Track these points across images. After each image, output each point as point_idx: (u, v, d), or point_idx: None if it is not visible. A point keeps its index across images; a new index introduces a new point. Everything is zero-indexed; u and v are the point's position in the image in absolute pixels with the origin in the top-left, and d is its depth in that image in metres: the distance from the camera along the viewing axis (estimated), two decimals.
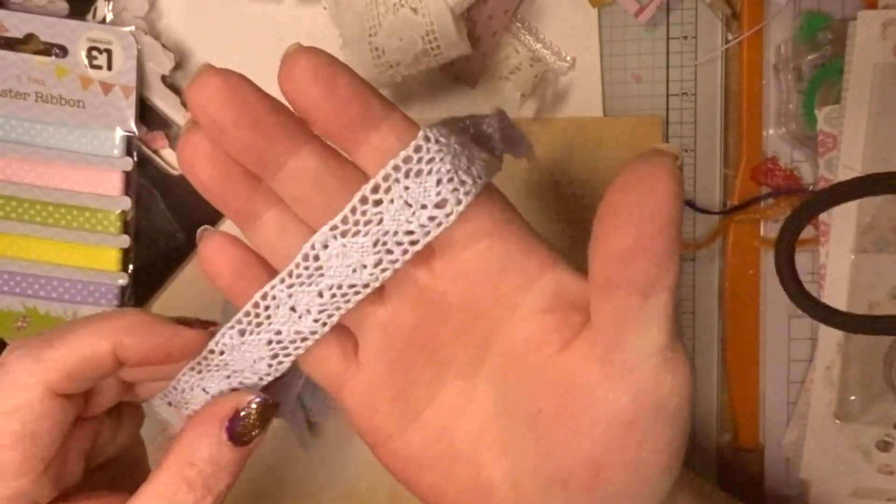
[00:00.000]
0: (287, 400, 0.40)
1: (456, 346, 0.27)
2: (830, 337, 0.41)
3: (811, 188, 0.41)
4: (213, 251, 0.27)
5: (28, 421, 0.25)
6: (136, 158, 0.40)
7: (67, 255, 0.41)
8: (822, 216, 0.41)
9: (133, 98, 0.39)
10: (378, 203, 0.24)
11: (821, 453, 0.41)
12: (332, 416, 0.42)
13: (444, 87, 0.41)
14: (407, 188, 0.23)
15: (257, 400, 0.26)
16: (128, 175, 0.40)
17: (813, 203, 0.25)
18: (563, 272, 0.26)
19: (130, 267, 0.41)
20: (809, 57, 0.40)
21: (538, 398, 0.25)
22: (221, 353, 0.27)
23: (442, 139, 0.23)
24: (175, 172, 0.41)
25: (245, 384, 0.27)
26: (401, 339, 0.27)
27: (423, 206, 0.23)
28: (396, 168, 0.23)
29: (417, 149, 0.23)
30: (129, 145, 0.40)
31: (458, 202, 0.23)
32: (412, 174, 0.23)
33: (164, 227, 0.42)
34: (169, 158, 0.41)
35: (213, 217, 0.41)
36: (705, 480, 0.35)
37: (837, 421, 0.41)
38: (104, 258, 0.41)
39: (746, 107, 0.41)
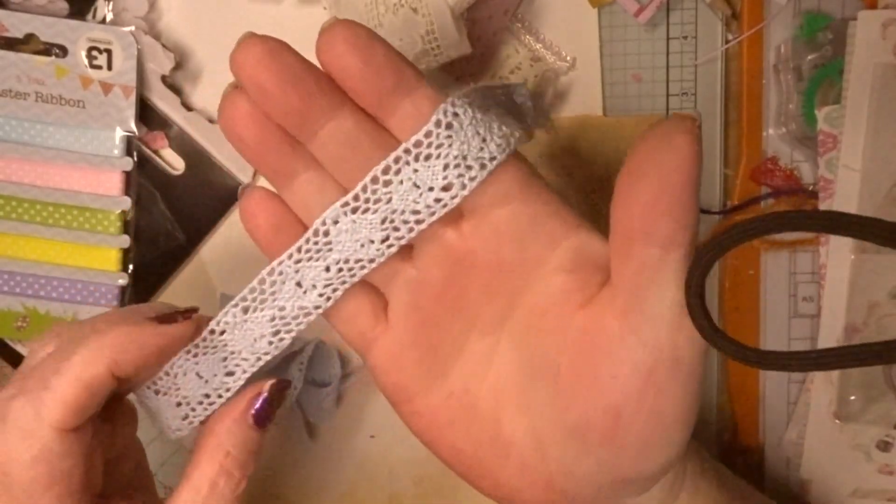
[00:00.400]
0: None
1: (481, 305, 0.27)
2: (831, 337, 0.41)
3: (811, 188, 0.41)
4: (254, 206, 0.28)
5: (53, 464, 0.25)
6: (136, 158, 0.40)
7: (67, 255, 0.41)
8: None
9: (133, 98, 0.39)
10: (388, 184, 0.25)
11: (821, 453, 0.41)
12: (328, 418, 0.42)
13: (444, 87, 0.41)
14: (416, 171, 0.24)
15: (273, 382, 0.28)
16: (128, 175, 0.40)
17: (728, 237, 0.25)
18: (587, 234, 0.27)
19: (130, 267, 0.41)
20: (809, 57, 0.40)
21: (559, 354, 0.26)
22: (222, 332, 0.27)
23: (455, 123, 0.24)
24: (175, 172, 0.41)
25: (242, 367, 0.28)
26: (429, 298, 0.27)
27: (430, 189, 0.25)
28: (407, 151, 0.25)
29: (428, 134, 0.24)
30: (129, 145, 0.40)
31: (463, 187, 0.24)
32: (422, 158, 0.24)
33: (164, 227, 0.42)
34: (169, 158, 0.41)
35: (214, 217, 0.41)
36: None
37: (837, 421, 0.41)
38: (104, 258, 0.41)
39: (746, 107, 0.41)
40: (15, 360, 0.42)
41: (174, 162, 0.41)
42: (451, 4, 0.36)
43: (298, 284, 0.26)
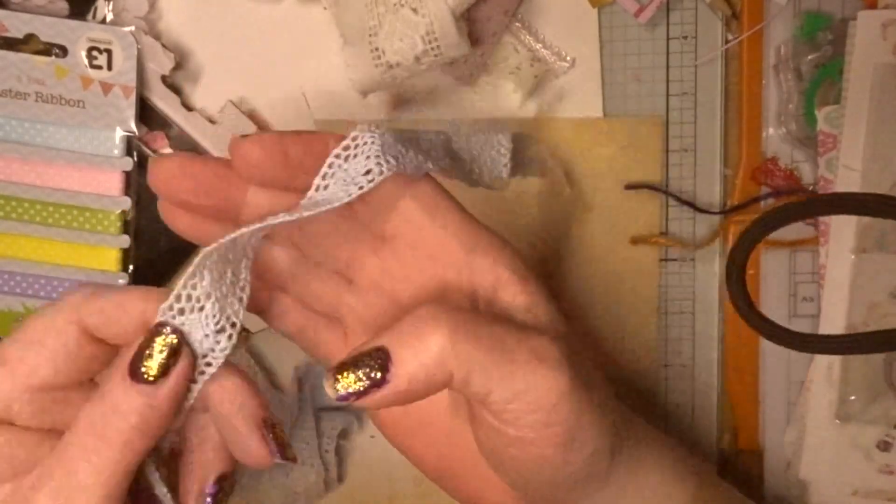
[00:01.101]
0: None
1: None
2: None
3: (811, 188, 0.41)
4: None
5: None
6: (136, 158, 0.40)
7: (67, 255, 0.41)
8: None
9: (133, 98, 0.39)
10: (326, 187, 0.28)
11: (821, 453, 0.41)
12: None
13: (444, 87, 0.41)
14: (345, 169, 0.28)
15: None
16: (128, 175, 0.40)
17: (769, 218, 0.25)
18: (479, 258, 0.29)
19: (130, 267, 0.41)
20: (809, 57, 0.40)
21: None
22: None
23: (375, 134, 0.28)
24: None
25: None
26: (370, 322, 0.30)
27: (354, 180, 0.28)
28: (338, 155, 0.28)
29: (354, 138, 0.28)
30: (129, 145, 0.40)
31: (381, 172, 0.27)
32: (350, 158, 0.28)
33: (164, 227, 0.41)
34: None
35: None
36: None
37: (837, 421, 0.41)
38: (104, 258, 0.41)
39: (746, 107, 0.41)
40: None
41: None
42: (451, 5, 0.36)
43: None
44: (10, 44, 0.39)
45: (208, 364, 0.26)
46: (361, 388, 0.25)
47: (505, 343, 0.26)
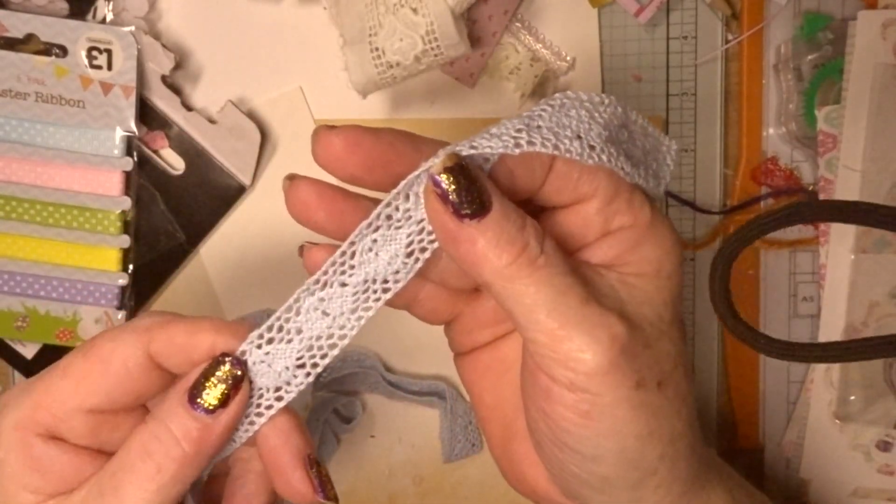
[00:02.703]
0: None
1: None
2: (831, 337, 0.41)
3: (811, 188, 0.41)
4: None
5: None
6: (136, 158, 0.40)
7: (67, 255, 0.41)
8: None
9: (133, 98, 0.39)
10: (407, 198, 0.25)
11: (821, 453, 0.41)
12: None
13: (444, 87, 0.41)
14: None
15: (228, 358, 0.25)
16: (128, 175, 0.40)
17: (755, 225, 0.25)
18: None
19: (130, 267, 0.41)
20: (809, 57, 0.40)
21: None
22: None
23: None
24: (175, 172, 0.41)
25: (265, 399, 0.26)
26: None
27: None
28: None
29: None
30: (129, 145, 0.40)
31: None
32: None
33: (164, 227, 0.42)
34: (169, 158, 0.41)
35: (214, 217, 0.42)
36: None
37: (837, 421, 0.41)
38: (104, 258, 0.41)
39: (746, 107, 0.41)
40: (15, 360, 0.42)
41: (174, 162, 0.41)
42: (451, 5, 0.36)
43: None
44: (10, 44, 0.39)
45: (279, 398, 0.25)
46: None
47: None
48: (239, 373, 0.25)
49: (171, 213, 0.41)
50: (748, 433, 0.43)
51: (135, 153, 0.40)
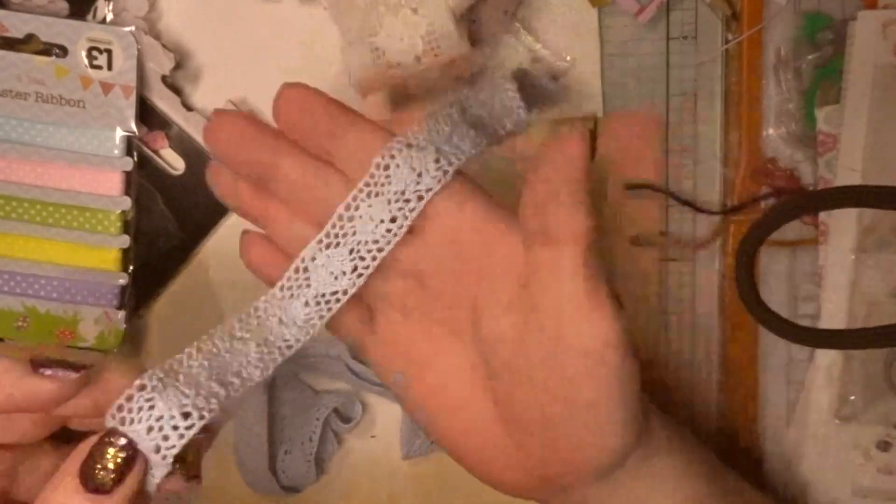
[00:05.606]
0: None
1: (444, 310, 0.31)
2: None
3: (811, 188, 0.41)
4: (247, 246, 0.33)
5: None
6: (136, 158, 0.40)
7: (67, 255, 0.41)
8: (822, 216, 0.41)
9: (133, 98, 0.39)
10: (351, 219, 0.29)
11: (821, 453, 0.41)
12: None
13: (444, 87, 0.41)
14: (370, 206, 0.28)
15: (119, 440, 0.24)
16: (128, 175, 0.40)
17: (782, 209, 0.26)
18: (517, 238, 0.29)
19: (130, 267, 0.41)
20: (809, 57, 0.40)
21: (495, 358, 0.29)
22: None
23: (392, 163, 0.28)
24: (175, 172, 0.41)
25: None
26: (400, 309, 0.31)
27: (381, 221, 0.28)
28: (360, 190, 0.28)
29: (371, 175, 0.28)
30: (129, 145, 0.40)
31: (406, 217, 0.28)
32: (372, 195, 0.28)
33: (164, 227, 0.42)
34: (169, 158, 0.41)
35: (214, 217, 0.42)
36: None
37: (837, 421, 0.41)
38: (104, 258, 0.41)
39: (746, 107, 0.41)
40: None
41: (174, 162, 0.41)
42: (451, 5, 0.36)
43: (280, 321, 0.29)
44: (10, 44, 0.39)
45: (164, 457, 0.24)
46: None
47: None
48: (131, 452, 0.24)
49: (171, 213, 0.41)
50: (748, 433, 0.43)
51: (135, 153, 0.40)
